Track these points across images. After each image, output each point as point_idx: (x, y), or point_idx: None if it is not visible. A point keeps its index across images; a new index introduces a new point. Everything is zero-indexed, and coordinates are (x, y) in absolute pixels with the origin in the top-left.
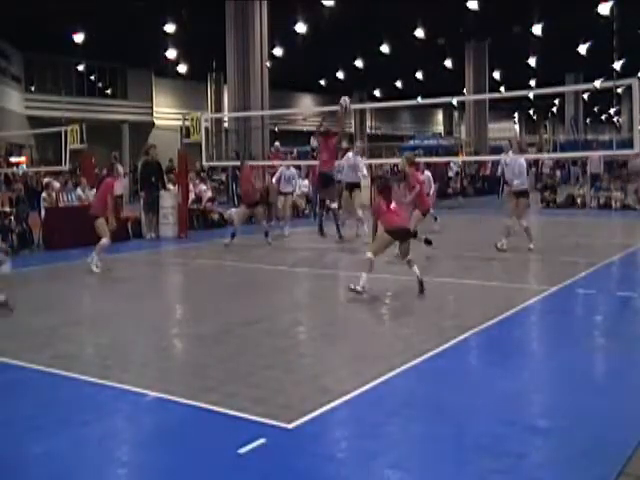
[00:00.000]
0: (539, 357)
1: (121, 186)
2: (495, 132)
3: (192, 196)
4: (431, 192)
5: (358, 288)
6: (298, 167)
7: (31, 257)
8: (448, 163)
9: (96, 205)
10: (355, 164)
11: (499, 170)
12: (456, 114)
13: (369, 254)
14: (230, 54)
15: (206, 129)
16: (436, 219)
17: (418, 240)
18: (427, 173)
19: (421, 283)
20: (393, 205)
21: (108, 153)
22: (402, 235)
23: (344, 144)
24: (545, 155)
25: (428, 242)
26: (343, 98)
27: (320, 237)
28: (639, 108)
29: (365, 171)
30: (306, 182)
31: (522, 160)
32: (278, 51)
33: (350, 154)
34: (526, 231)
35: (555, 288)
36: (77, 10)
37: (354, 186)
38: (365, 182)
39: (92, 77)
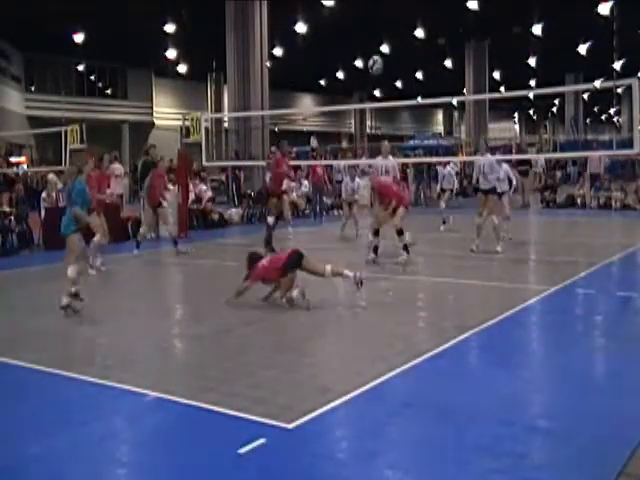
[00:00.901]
0: (539, 357)
1: (121, 186)
2: (495, 132)
3: (192, 196)
4: (454, 187)
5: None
6: (298, 167)
7: (31, 257)
8: (448, 163)
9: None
10: (393, 166)
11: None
12: (456, 114)
13: (283, 300)
14: (230, 54)
15: (206, 129)
16: (444, 222)
17: (400, 241)
18: (448, 169)
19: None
20: (266, 260)
21: (108, 153)
22: (297, 261)
23: (344, 144)
24: (531, 155)
25: (406, 249)
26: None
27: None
28: (639, 108)
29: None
30: (306, 182)
31: (492, 159)
32: (278, 51)
33: (379, 158)
34: (495, 229)
35: (555, 288)
36: (77, 10)
37: None
38: (364, 182)
39: (92, 77)
